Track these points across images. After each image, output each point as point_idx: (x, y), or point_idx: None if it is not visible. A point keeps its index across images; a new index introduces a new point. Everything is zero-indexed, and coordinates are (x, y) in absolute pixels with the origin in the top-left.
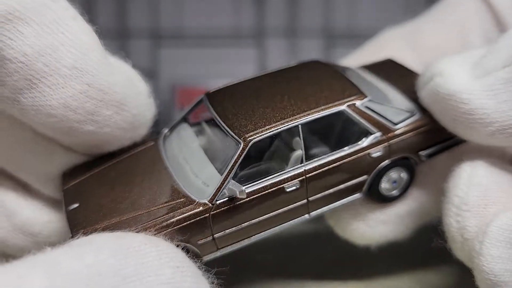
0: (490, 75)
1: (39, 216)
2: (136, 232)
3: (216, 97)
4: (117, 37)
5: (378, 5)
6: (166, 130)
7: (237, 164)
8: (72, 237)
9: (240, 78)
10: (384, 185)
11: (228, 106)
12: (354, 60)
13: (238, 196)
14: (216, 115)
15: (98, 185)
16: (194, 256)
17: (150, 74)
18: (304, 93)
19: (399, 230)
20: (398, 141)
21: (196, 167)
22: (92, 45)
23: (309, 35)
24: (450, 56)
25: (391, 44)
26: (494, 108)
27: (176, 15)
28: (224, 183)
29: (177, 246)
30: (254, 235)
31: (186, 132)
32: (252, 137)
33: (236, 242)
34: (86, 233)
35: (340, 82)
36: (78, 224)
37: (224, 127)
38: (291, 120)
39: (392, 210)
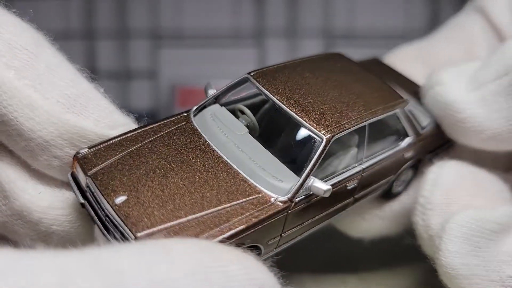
0: (483, 87)
1: (38, 201)
2: (214, 237)
3: (268, 82)
4: (117, 37)
5: (377, 6)
6: (193, 108)
7: (319, 161)
8: (135, 238)
9: (274, 64)
10: (396, 183)
11: (292, 95)
12: None
13: (323, 195)
14: (282, 104)
15: (143, 172)
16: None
17: (150, 74)
18: (357, 91)
19: (393, 226)
20: (422, 144)
21: (258, 158)
22: None
23: (309, 35)
24: (450, 67)
25: (405, 60)
26: (486, 117)
27: (176, 15)
28: (305, 180)
29: (246, 247)
30: (307, 231)
31: (225, 115)
32: (334, 133)
33: (292, 239)
34: (153, 235)
35: (381, 84)
36: (139, 222)
37: (298, 120)
38: (361, 118)
39: (388, 206)
